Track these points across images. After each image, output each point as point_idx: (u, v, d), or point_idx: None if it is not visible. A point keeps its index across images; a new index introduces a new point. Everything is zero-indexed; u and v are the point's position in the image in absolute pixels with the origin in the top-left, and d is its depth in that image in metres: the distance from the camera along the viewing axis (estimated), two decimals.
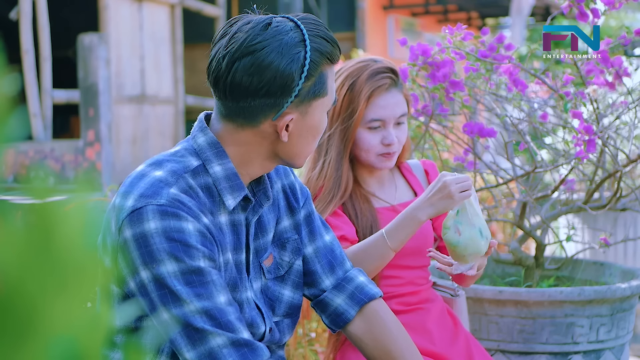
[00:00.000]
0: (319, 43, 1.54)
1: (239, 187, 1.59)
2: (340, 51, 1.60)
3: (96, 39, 7.55)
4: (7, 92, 0.52)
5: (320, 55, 1.54)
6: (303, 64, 1.51)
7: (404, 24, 13.55)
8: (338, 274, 1.81)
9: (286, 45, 1.50)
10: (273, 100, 1.52)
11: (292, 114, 1.55)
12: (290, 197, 1.78)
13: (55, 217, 0.51)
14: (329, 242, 1.82)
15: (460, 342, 2.22)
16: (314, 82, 1.54)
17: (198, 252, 1.47)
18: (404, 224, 2.01)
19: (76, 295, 0.51)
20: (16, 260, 0.50)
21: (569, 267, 3.14)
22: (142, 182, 1.51)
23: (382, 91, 2.19)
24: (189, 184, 1.53)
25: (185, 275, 1.46)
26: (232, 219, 1.61)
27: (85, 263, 0.52)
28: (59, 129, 10.36)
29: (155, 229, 1.45)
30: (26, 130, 7.60)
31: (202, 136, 1.60)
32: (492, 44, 2.71)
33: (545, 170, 2.83)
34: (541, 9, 15.19)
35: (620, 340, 2.70)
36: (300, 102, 1.54)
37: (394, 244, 2.01)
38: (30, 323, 0.51)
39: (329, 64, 1.57)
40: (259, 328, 1.66)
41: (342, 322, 1.80)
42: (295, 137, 1.58)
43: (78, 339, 0.52)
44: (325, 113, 1.62)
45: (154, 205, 1.46)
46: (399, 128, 2.21)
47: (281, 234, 1.76)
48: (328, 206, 2.18)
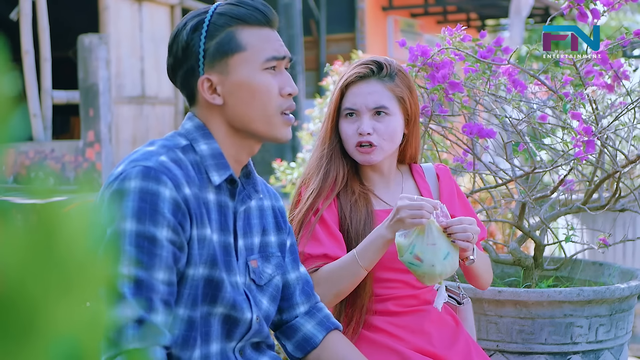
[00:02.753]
0: (225, 8, 1.67)
1: (224, 165, 1.66)
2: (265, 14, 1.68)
3: (96, 39, 7.55)
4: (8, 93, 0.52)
5: (222, 16, 1.66)
6: (202, 26, 1.65)
7: (403, 24, 13.55)
8: (311, 302, 1.93)
9: (189, 19, 1.67)
10: (186, 66, 1.66)
11: (211, 75, 1.65)
12: (279, 217, 1.87)
13: (56, 218, 0.51)
14: (305, 274, 1.94)
15: (460, 344, 2.21)
16: (219, 41, 1.64)
17: (164, 219, 1.51)
18: (373, 243, 2.04)
19: (78, 295, 0.52)
20: (17, 261, 0.50)
21: (568, 267, 3.14)
22: (135, 154, 1.60)
23: (358, 80, 2.21)
24: (179, 157, 1.61)
25: (139, 238, 1.49)
26: (219, 199, 1.67)
27: (87, 263, 0.52)
28: (59, 129, 10.36)
29: (134, 188, 1.51)
30: (26, 130, 7.60)
31: (189, 122, 1.71)
32: (490, 47, 2.71)
33: (545, 171, 2.83)
34: (541, 10, 15.19)
35: (619, 340, 2.70)
36: (212, 62, 1.65)
37: (365, 263, 2.04)
38: (31, 324, 0.51)
39: (240, 24, 1.66)
40: (244, 313, 1.68)
41: (309, 347, 1.88)
42: (230, 98, 1.66)
43: (79, 339, 0.52)
44: (258, 70, 1.67)
45: (141, 166, 1.53)
46: (378, 120, 2.19)
47: (267, 246, 1.81)
48: (312, 195, 2.19)
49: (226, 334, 1.69)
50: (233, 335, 1.70)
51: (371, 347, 2.11)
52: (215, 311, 1.65)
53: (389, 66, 2.22)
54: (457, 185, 2.42)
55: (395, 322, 2.19)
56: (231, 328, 1.69)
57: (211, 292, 1.63)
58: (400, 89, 2.22)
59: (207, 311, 1.64)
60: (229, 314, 1.67)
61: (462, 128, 2.66)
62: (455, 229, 1.97)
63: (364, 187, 2.26)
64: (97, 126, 7.56)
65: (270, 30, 1.69)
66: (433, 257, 1.95)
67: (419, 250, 1.96)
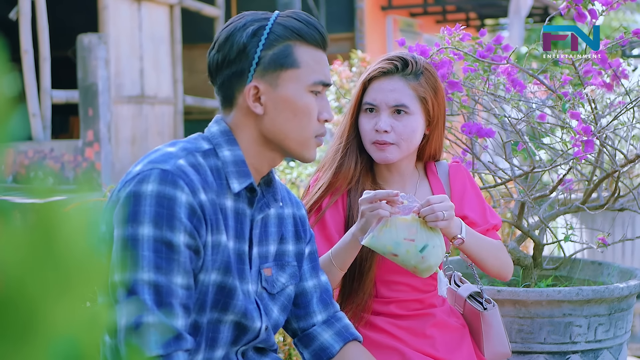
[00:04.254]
0: (286, 20, 1.64)
1: (245, 173, 1.64)
2: (323, 36, 1.67)
3: (95, 39, 7.54)
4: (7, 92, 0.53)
5: (284, 29, 1.63)
6: (262, 33, 1.61)
7: (402, 24, 13.54)
8: (329, 312, 1.90)
9: (249, 22, 1.63)
10: (235, 68, 1.62)
11: (260, 83, 1.62)
12: (299, 226, 1.85)
13: (55, 217, 0.51)
14: (325, 282, 1.91)
15: (465, 349, 2.19)
16: (277, 52, 1.62)
17: (181, 224, 1.50)
18: (344, 242, 2.03)
19: (77, 295, 0.52)
20: (17, 260, 0.51)
21: (567, 266, 3.14)
22: (154, 154, 1.59)
23: (381, 76, 2.17)
24: (198, 162, 1.59)
25: (157, 243, 1.49)
26: (237, 206, 1.65)
27: (86, 263, 0.52)
28: (59, 129, 10.35)
29: (151, 192, 1.50)
30: (25, 130, 7.60)
31: (215, 126, 1.68)
32: (489, 45, 2.71)
33: (544, 171, 2.84)
34: (540, 10, 15.19)
35: (618, 339, 2.70)
36: (265, 70, 1.62)
37: (338, 263, 2.03)
38: (31, 323, 0.51)
39: (300, 40, 1.64)
40: (254, 322, 1.67)
41: (325, 357, 1.86)
42: (271, 110, 1.64)
43: (79, 339, 0.52)
44: (305, 90, 1.65)
45: (158, 169, 1.52)
46: (397, 118, 2.15)
47: (283, 255, 1.79)
48: (321, 183, 2.17)
49: (233, 340, 1.68)
50: (239, 341, 1.70)
51: (372, 347, 2.09)
52: (226, 318, 1.64)
53: (415, 64, 2.17)
54: (471, 178, 2.37)
55: (397, 324, 2.18)
56: (239, 335, 1.68)
57: (223, 299, 1.62)
58: (423, 88, 2.16)
59: (217, 318, 1.63)
60: (239, 322, 1.66)
61: (461, 127, 2.66)
62: (423, 211, 1.92)
63: (376, 185, 2.21)
64: (96, 126, 7.56)
65: (323, 54, 1.69)
66: (408, 253, 1.91)
67: (391, 248, 1.92)
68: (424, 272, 1.94)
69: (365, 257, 2.13)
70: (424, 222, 1.93)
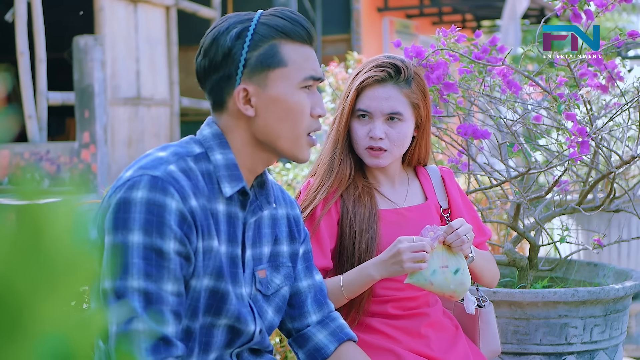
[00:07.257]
0: (269, 19, 1.63)
1: (237, 177, 1.63)
2: (308, 31, 1.66)
3: (91, 40, 7.54)
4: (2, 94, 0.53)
5: (268, 28, 1.62)
6: (246, 35, 1.60)
7: (398, 25, 13.55)
8: (324, 312, 1.90)
9: (232, 24, 1.62)
10: (223, 72, 1.61)
11: (249, 85, 1.61)
12: (293, 226, 1.83)
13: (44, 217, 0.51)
14: (319, 282, 1.90)
15: (459, 348, 2.20)
16: (263, 53, 1.61)
17: (171, 231, 1.49)
18: (360, 278, 2.06)
19: (65, 294, 0.52)
20: (5, 260, 0.51)
21: (563, 268, 3.14)
22: (145, 159, 1.57)
23: (374, 83, 2.18)
24: (189, 166, 1.58)
25: (147, 250, 1.48)
26: (229, 210, 1.64)
27: (75, 262, 0.52)
28: (55, 130, 10.34)
29: (141, 199, 1.49)
30: (21, 132, 7.59)
31: (207, 129, 1.67)
32: (485, 47, 2.71)
33: (539, 172, 2.84)
34: (536, 11, 15.20)
35: (614, 340, 2.71)
36: (252, 72, 1.61)
37: (348, 294, 2.08)
38: (19, 322, 0.51)
39: (285, 38, 1.63)
40: (248, 325, 1.67)
41: (320, 357, 1.86)
42: (263, 111, 1.63)
43: (67, 337, 0.52)
44: (295, 88, 1.64)
45: (148, 176, 1.51)
46: (390, 125, 2.18)
47: (277, 256, 1.79)
48: (317, 193, 2.18)
49: (227, 343, 1.68)
50: (233, 344, 1.69)
51: (367, 349, 2.09)
52: (219, 323, 1.64)
53: (406, 70, 2.19)
54: (459, 187, 2.43)
55: (392, 324, 2.19)
56: (233, 338, 1.68)
57: (216, 303, 1.61)
58: (415, 95, 2.20)
59: (210, 322, 1.63)
60: (232, 326, 1.66)
61: (456, 129, 2.67)
62: (449, 238, 2.00)
63: (367, 182, 2.25)
64: (93, 127, 7.55)
65: (310, 49, 1.69)
66: (446, 281, 2.00)
67: (431, 278, 2.01)
68: (462, 293, 2.04)
69: (364, 259, 2.14)
70: (449, 248, 2.02)
